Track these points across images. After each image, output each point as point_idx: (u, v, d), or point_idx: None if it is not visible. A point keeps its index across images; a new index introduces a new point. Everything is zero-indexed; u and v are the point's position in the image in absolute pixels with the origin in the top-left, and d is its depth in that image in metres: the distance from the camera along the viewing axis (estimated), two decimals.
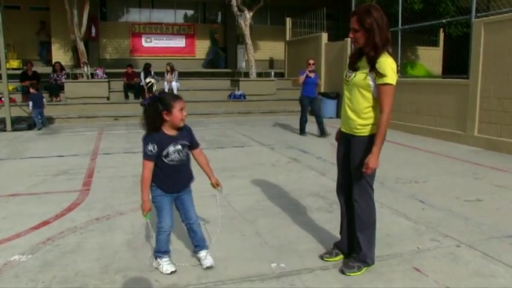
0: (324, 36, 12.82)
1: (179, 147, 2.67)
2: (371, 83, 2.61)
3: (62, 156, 6.72)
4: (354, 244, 2.84)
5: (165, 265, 2.76)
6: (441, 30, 15.01)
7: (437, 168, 5.77)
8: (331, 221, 3.74)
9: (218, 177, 2.98)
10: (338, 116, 11.89)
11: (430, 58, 14.27)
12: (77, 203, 4.29)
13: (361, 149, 2.66)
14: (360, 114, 2.67)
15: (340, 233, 3.01)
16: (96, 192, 4.65)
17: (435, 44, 16.18)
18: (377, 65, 2.55)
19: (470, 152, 6.97)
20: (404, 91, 9.37)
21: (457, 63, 9.91)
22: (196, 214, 2.89)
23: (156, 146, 2.59)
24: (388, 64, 2.56)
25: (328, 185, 4.92)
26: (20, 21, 15.44)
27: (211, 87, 14.20)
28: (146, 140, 2.63)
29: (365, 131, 2.67)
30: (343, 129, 2.83)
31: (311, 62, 8.69)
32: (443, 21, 10.63)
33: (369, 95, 2.64)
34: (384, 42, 2.56)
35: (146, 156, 2.62)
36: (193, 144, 2.80)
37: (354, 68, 2.73)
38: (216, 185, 2.92)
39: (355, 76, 2.69)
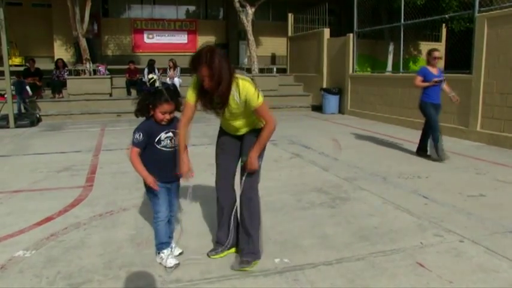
0: (326, 31, 12.78)
1: (170, 134, 2.76)
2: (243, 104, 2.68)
3: (64, 152, 6.73)
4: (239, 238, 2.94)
5: (169, 259, 2.79)
6: (444, 25, 14.96)
7: (440, 164, 5.76)
8: (334, 216, 3.75)
9: None
10: (340, 111, 11.87)
11: None
12: (80, 199, 4.30)
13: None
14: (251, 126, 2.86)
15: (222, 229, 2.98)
16: (99, 188, 4.66)
17: (438, 39, 16.12)
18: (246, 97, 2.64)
19: (473, 147, 6.95)
20: (406, 86, 9.34)
21: (459, 58, 9.88)
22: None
23: (141, 135, 2.70)
24: (250, 89, 2.64)
25: (331, 180, 4.92)
26: (22, 18, 15.45)
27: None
28: (135, 130, 2.74)
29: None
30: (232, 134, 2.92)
31: (436, 54, 6.00)
32: (446, 16, 10.58)
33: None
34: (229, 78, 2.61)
35: (132, 143, 2.73)
36: None
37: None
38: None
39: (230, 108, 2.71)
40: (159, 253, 2.84)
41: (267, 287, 2.55)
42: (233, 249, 2.96)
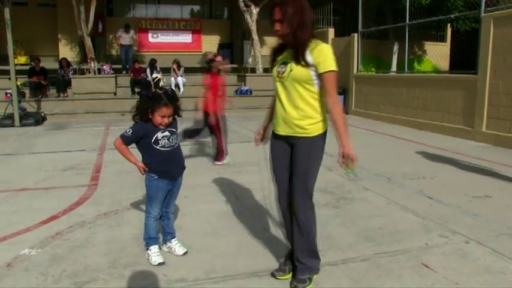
0: (331, 31, 12.75)
1: (167, 133, 2.78)
2: (313, 73, 2.37)
3: (69, 151, 6.76)
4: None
5: (154, 256, 2.84)
6: (449, 25, 14.89)
7: (445, 164, 5.73)
8: (338, 216, 3.74)
9: (225, 172, 2.98)
10: (345, 111, 11.84)
11: (438, 53, 14.17)
12: (85, 197, 4.31)
13: (309, 150, 2.45)
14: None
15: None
16: (104, 187, 4.68)
17: (442, 39, 16.06)
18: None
19: (478, 148, 6.91)
20: (411, 86, 9.31)
21: (464, 58, 9.84)
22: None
23: (131, 131, 2.75)
24: (328, 49, 2.40)
25: (336, 180, 4.90)
26: (28, 17, 15.53)
27: None
28: (131, 126, 2.78)
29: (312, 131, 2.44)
30: (281, 133, 2.51)
31: None
32: (451, 16, 10.53)
33: (313, 88, 2.41)
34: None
35: (121, 135, 2.78)
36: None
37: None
38: None
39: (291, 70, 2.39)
40: (147, 249, 2.88)
41: (272, 287, 2.54)
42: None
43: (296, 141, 2.47)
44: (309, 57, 2.36)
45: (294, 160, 2.48)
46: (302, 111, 2.42)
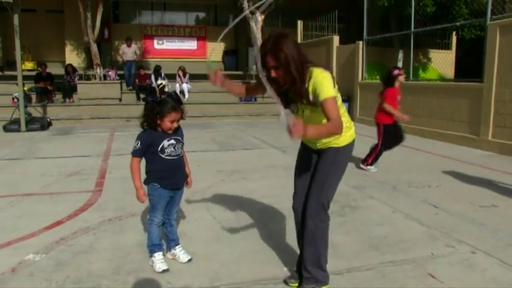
0: (336, 39, 12.78)
1: (173, 141, 2.80)
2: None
3: (74, 156, 6.78)
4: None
5: (158, 263, 2.83)
6: (454, 33, 14.89)
7: (450, 173, 5.70)
8: (343, 224, 3.72)
9: (229, 179, 2.98)
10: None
11: (443, 61, 14.15)
12: (90, 203, 4.32)
13: (334, 156, 2.50)
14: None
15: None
16: (108, 193, 4.68)
17: (448, 47, 16.04)
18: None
19: (484, 157, 6.87)
20: (416, 94, 9.29)
21: (470, 66, 9.82)
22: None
23: (139, 143, 2.77)
24: (319, 77, 2.32)
25: (340, 188, 4.86)
26: (36, 23, 15.70)
27: (222, 89, 14.21)
28: (136, 138, 2.82)
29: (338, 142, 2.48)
30: (310, 146, 2.60)
31: None
32: (457, 24, 10.53)
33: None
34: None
35: (132, 152, 2.82)
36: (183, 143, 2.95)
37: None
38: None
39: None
40: (151, 256, 2.87)
41: None
42: None
43: (325, 150, 2.54)
44: (310, 95, 2.33)
45: (317, 165, 2.55)
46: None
